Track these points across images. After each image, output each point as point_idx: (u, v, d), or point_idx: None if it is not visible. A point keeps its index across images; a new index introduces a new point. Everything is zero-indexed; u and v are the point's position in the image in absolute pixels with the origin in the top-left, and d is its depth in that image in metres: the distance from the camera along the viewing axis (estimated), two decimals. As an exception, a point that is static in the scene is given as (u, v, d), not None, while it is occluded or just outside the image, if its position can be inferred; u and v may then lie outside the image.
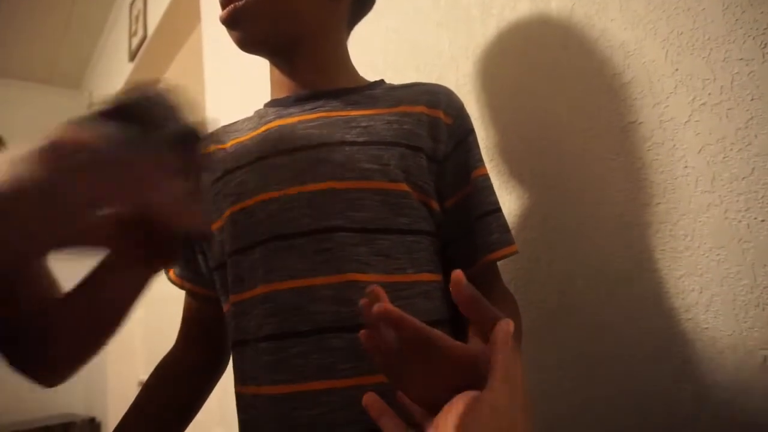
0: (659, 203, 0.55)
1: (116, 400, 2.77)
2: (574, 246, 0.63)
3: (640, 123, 0.57)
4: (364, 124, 0.56)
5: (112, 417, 2.74)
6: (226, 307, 0.59)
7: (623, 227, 0.59)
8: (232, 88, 1.53)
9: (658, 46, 0.56)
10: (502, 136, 0.73)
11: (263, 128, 0.59)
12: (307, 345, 0.49)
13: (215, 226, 0.60)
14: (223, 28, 0.59)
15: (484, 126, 0.75)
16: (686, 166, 0.53)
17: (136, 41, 2.32)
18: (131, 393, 2.82)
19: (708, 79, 0.52)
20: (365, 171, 0.53)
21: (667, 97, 0.55)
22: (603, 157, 0.61)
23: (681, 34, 0.54)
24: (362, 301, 0.38)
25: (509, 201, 0.71)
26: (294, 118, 0.58)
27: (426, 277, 0.55)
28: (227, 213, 0.57)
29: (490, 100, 0.75)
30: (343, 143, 0.54)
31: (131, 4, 2.40)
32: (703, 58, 0.52)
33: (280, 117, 0.59)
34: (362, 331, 0.39)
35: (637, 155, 0.57)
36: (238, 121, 0.65)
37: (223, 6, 0.58)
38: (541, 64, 0.68)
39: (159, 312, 3.22)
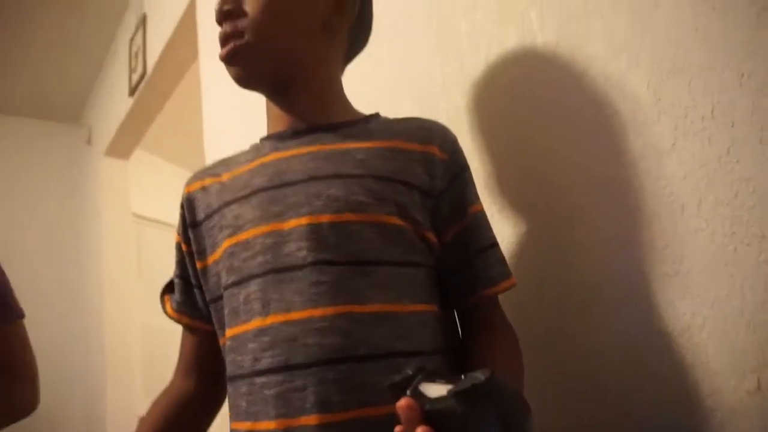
0: (647, 229, 0.57)
1: (115, 430, 2.72)
2: (565, 272, 0.64)
3: (626, 152, 0.59)
4: (359, 156, 0.57)
5: (110, 452, 2.69)
6: (222, 341, 0.60)
7: (613, 253, 0.60)
8: (229, 122, 1.55)
9: (641, 77, 0.58)
10: (493, 164, 0.74)
11: (259, 161, 0.61)
12: (303, 378, 0.49)
13: (211, 259, 0.61)
14: (221, 64, 0.61)
15: (477, 154, 0.76)
16: (672, 193, 0.55)
17: (135, 77, 2.36)
18: (130, 423, 2.78)
19: (689, 107, 0.54)
20: (361, 204, 0.54)
21: (651, 126, 0.57)
22: (591, 185, 0.62)
23: (662, 63, 0.56)
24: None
25: (502, 228, 0.72)
26: (290, 152, 0.59)
27: (422, 307, 0.55)
28: (224, 245, 0.58)
29: (481, 130, 0.77)
30: (339, 176, 0.56)
31: (131, 40, 2.45)
32: (684, 87, 0.54)
33: (277, 150, 0.61)
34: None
35: (624, 183, 0.59)
36: (235, 155, 0.67)
37: (223, 44, 0.60)
38: (529, 95, 0.70)
39: (158, 342, 3.20)
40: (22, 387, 0.95)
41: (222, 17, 0.60)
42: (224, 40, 0.60)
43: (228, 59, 0.60)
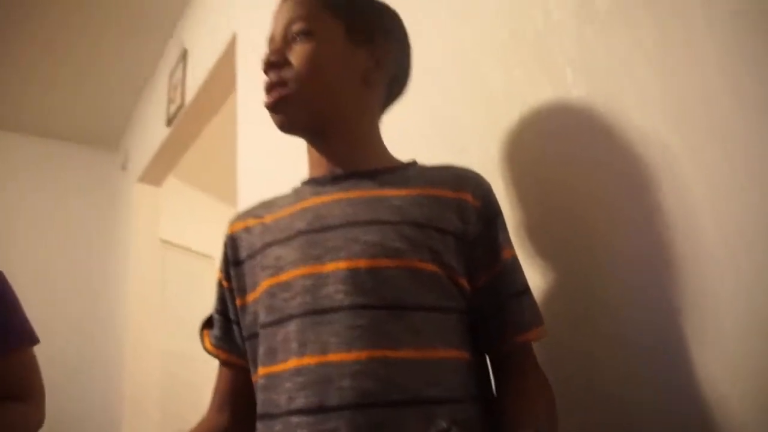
0: (686, 288, 0.57)
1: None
2: (598, 323, 0.64)
3: (661, 208, 0.59)
4: (396, 203, 0.59)
5: (124, 480, 2.68)
6: (254, 378, 0.61)
7: (648, 311, 0.60)
8: (263, 155, 1.60)
9: (675, 133, 0.59)
10: (526, 212, 0.76)
11: (300, 205, 0.63)
12: (336, 420, 0.50)
13: (251, 297, 0.63)
14: (257, 100, 0.64)
15: (509, 202, 0.77)
16: (709, 255, 0.55)
17: (173, 107, 2.45)
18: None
19: (727, 169, 0.54)
20: (397, 250, 0.56)
21: (687, 183, 0.57)
22: (626, 241, 0.63)
23: (697, 122, 0.57)
24: None
25: (534, 276, 0.72)
26: (330, 197, 0.62)
27: (455, 354, 0.56)
28: (264, 285, 0.59)
29: (513, 179, 0.78)
30: (376, 222, 0.58)
31: (171, 73, 2.55)
32: (720, 145, 0.55)
33: (317, 195, 0.63)
34: None
35: (661, 238, 0.59)
36: (276, 197, 0.70)
37: (267, 92, 0.63)
38: (563, 144, 0.72)
39: (174, 372, 3.21)
40: (35, 408, 0.99)
41: (268, 67, 0.63)
42: (269, 88, 0.63)
43: (272, 107, 0.63)
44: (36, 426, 0.99)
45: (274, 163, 1.50)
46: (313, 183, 0.66)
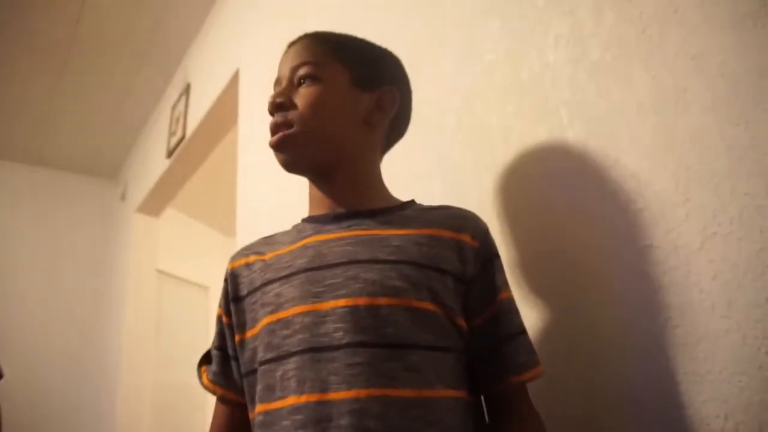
0: (677, 326, 0.57)
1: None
2: (593, 364, 0.65)
3: (655, 247, 0.61)
4: (395, 243, 0.60)
5: None
6: (251, 415, 0.61)
7: (642, 348, 0.60)
8: (262, 187, 1.62)
9: (668, 177, 0.61)
10: (522, 251, 0.77)
11: (301, 243, 0.64)
12: (336, 459, 0.50)
13: (250, 334, 0.63)
14: (258, 134, 0.66)
15: (504, 241, 0.79)
16: (701, 291, 0.56)
17: (174, 140, 2.48)
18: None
19: (718, 210, 0.56)
20: (396, 288, 0.56)
21: (679, 225, 0.59)
22: (620, 277, 0.64)
23: (689, 167, 0.59)
24: None
25: (529, 315, 0.73)
26: (330, 235, 0.63)
27: (453, 393, 0.56)
28: (264, 322, 0.60)
29: (510, 217, 0.79)
30: (376, 261, 0.58)
31: (173, 106, 2.59)
32: (712, 190, 0.57)
33: (318, 233, 0.64)
34: None
35: (653, 277, 0.60)
36: (277, 234, 0.71)
37: (273, 132, 0.65)
38: (560, 185, 0.73)
39: (167, 403, 3.16)
40: None
41: (274, 108, 0.66)
42: (275, 128, 0.65)
43: (277, 146, 0.65)
44: None
45: (274, 197, 1.52)
46: (314, 221, 0.67)
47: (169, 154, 2.55)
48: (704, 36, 0.59)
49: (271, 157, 0.68)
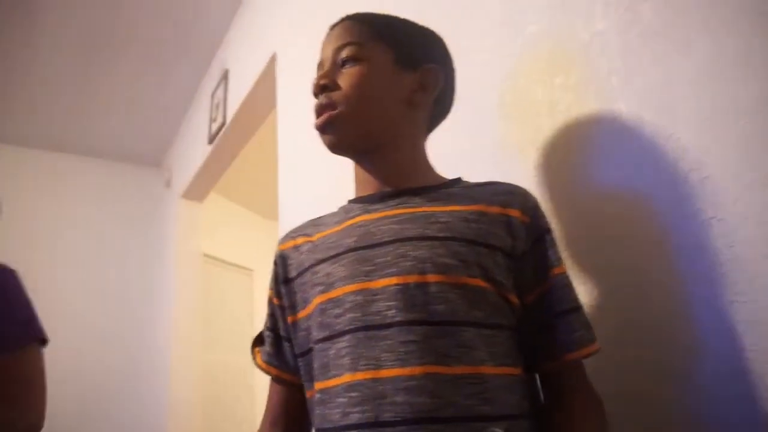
0: (746, 302, 0.55)
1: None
2: (655, 343, 0.63)
3: (719, 219, 0.58)
4: (443, 220, 0.60)
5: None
6: (309, 393, 0.62)
7: (708, 325, 0.58)
8: (303, 169, 1.63)
9: (731, 147, 0.58)
10: (574, 227, 0.75)
11: (349, 222, 0.64)
12: (391, 436, 0.51)
13: (302, 314, 0.64)
14: (298, 117, 0.66)
15: (554, 217, 0.77)
16: (737, 256, 0.53)
17: (215, 126, 2.53)
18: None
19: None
20: (446, 266, 0.56)
21: (745, 195, 0.56)
22: (682, 252, 0.61)
23: (754, 135, 0.56)
24: None
25: (582, 292, 0.71)
26: (378, 214, 0.63)
27: (506, 370, 0.56)
28: (315, 302, 0.61)
29: (559, 193, 0.77)
30: (425, 238, 0.58)
31: (213, 94, 2.63)
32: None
33: (366, 212, 0.64)
34: None
35: (718, 251, 0.58)
36: (324, 216, 0.71)
37: (318, 114, 0.65)
38: (610, 156, 0.71)
39: (215, 384, 3.27)
40: (26, 411, 0.96)
41: (319, 90, 0.66)
42: (319, 110, 0.65)
43: (322, 128, 0.65)
44: (25, 430, 0.96)
45: (314, 179, 1.53)
46: (361, 201, 0.67)
47: (211, 140, 2.59)
48: (771, -7, 0.55)
49: (311, 140, 0.68)
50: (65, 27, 2.42)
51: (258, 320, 4.05)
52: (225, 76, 2.48)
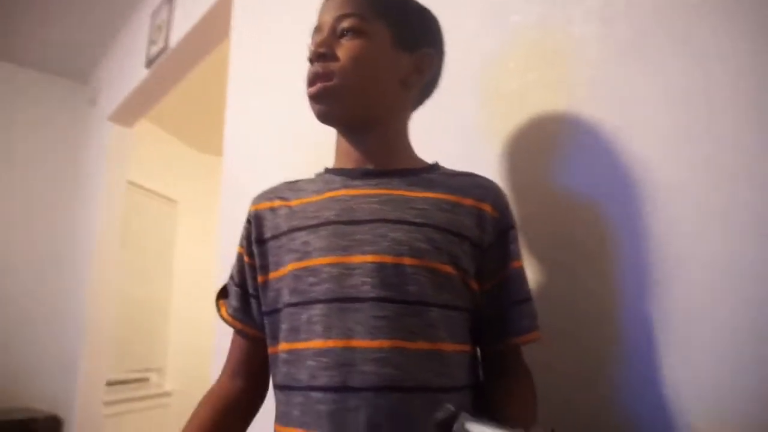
0: (667, 296, 0.64)
1: (83, 399, 2.73)
2: (586, 327, 0.71)
3: (653, 234, 0.66)
4: (420, 206, 0.63)
5: (78, 416, 2.70)
6: (271, 350, 0.65)
7: (632, 315, 0.67)
8: (254, 108, 1.57)
9: (679, 169, 0.65)
10: (525, 220, 0.81)
11: (329, 194, 0.66)
12: (357, 401, 0.55)
13: (273, 276, 0.66)
14: (251, 54, 0.64)
15: (515, 204, 0.82)
16: (694, 270, 0.62)
17: (155, 49, 2.36)
18: (99, 392, 2.79)
19: (723, 206, 0.61)
20: (421, 250, 0.60)
21: (680, 215, 0.64)
22: (615, 252, 0.69)
23: (705, 161, 0.63)
24: None
25: (532, 280, 0.78)
26: (359, 191, 0.65)
27: (460, 347, 0.62)
28: (290, 267, 0.63)
29: (516, 185, 0.83)
30: (403, 222, 0.61)
31: (153, 13, 2.45)
32: (720, 188, 0.61)
33: (346, 187, 0.66)
34: None
35: (650, 261, 0.66)
36: (300, 180, 0.72)
37: (311, 83, 0.65)
38: (568, 157, 0.77)
39: (129, 313, 3.21)
40: None
41: (316, 58, 0.65)
42: (313, 79, 0.65)
43: (315, 97, 0.65)
44: None
45: (264, 118, 1.48)
46: (342, 174, 0.69)
47: (149, 64, 2.43)
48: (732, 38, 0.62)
49: (265, 78, 0.66)
50: None
51: (179, 252, 3.95)
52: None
